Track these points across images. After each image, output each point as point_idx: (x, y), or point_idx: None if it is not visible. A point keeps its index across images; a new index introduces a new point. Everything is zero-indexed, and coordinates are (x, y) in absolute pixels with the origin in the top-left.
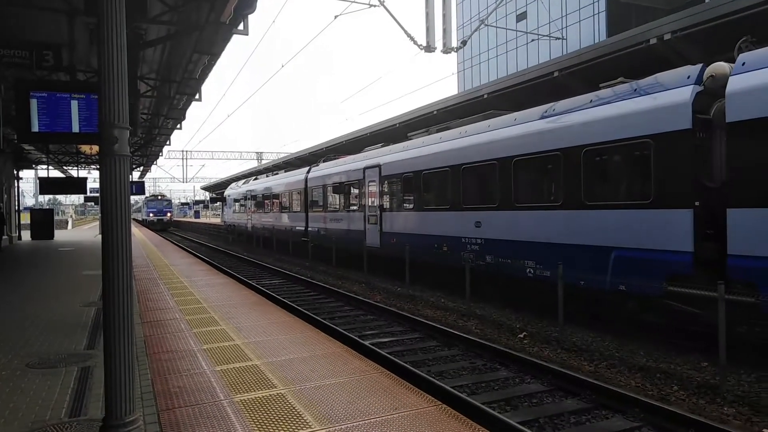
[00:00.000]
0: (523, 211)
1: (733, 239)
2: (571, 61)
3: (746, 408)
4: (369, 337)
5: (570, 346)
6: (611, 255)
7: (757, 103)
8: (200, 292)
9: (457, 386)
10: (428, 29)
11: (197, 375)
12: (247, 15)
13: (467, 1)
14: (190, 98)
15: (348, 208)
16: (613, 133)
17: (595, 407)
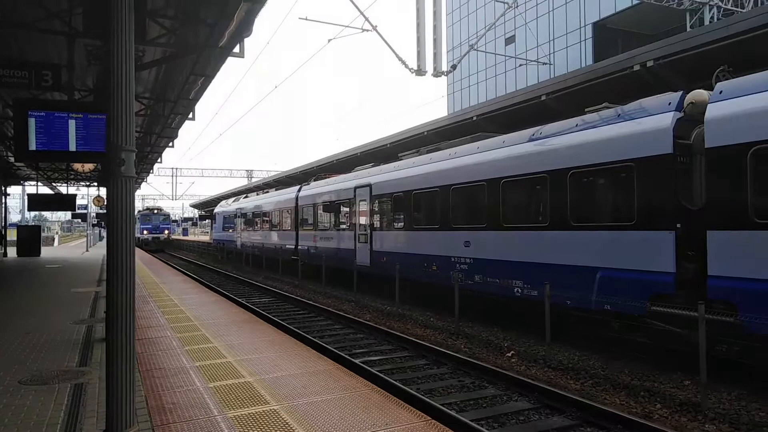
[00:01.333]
0: (511, 231)
1: (713, 260)
2: (558, 85)
3: (726, 425)
4: (359, 356)
5: (557, 365)
6: (597, 275)
7: (733, 130)
8: (191, 310)
9: (446, 404)
10: (419, 53)
11: (190, 391)
12: (243, 38)
13: (457, 25)
14: (183, 117)
15: (338, 226)
16: (598, 157)
17: (580, 424)
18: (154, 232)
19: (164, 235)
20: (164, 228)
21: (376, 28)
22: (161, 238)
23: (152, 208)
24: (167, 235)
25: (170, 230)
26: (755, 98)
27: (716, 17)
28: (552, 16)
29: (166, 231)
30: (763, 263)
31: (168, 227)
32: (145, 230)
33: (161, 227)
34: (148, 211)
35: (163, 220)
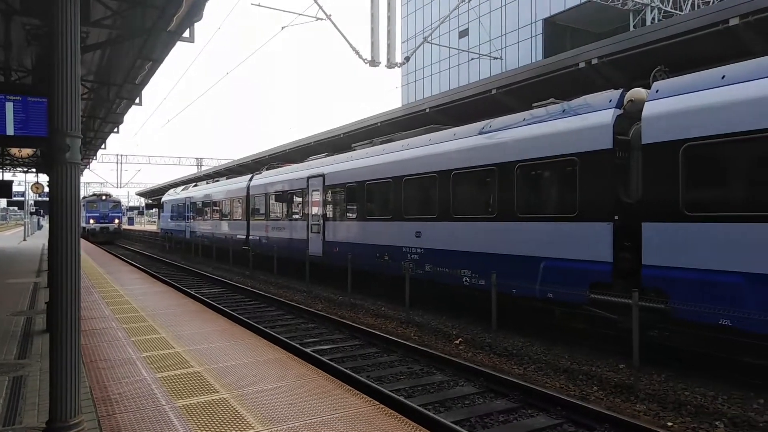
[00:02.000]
0: (460, 222)
1: (647, 251)
2: (508, 80)
3: (656, 405)
4: (310, 345)
5: (502, 351)
6: (541, 265)
7: (667, 127)
8: (137, 301)
9: (395, 390)
10: (373, 44)
11: (137, 382)
12: (193, 22)
13: (412, 16)
14: (130, 102)
15: (291, 217)
16: (544, 151)
17: (521, 407)
18: (103, 221)
19: (114, 224)
20: (114, 216)
21: (330, 17)
22: (111, 229)
23: (100, 193)
24: (118, 224)
25: (121, 219)
26: (688, 98)
27: (657, 18)
28: (504, 11)
29: (116, 220)
30: (692, 253)
31: (119, 216)
32: (91, 219)
33: (111, 216)
34: (95, 197)
35: (113, 207)
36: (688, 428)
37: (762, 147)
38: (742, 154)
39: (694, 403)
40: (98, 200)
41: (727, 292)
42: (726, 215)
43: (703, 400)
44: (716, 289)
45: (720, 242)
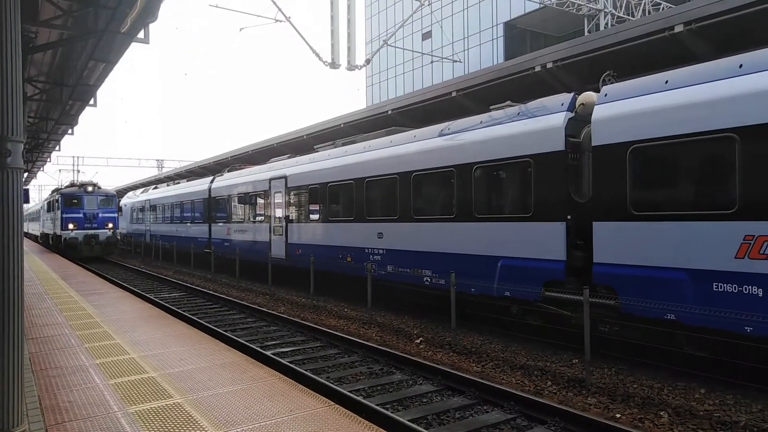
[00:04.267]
0: (421, 223)
1: (598, 249)
2: (468, 82)
3: (606, 397)
4: (271, 347)
5: (461, 349)
6: (498, 264)
7: (615, 130)
8: (93, 307)
9: (355, 390)
10: (333, 46)
11: (89, 389)
12: (148, 23)
13: (375, 18)
14: (84, 104)
15: (253, 219)
16: (500, 152)
17: (477, 403)
18: (89, 225)
19: (107, 231)
20: (106, 218)
21: (289, 19)
22: (101, 238)
23: (84, 183)
24: (112, 230)
25: (116, 222)
26: (634, 101)
27: (610, 24)
28: (466, 14)
29: (109, 224)
30: (638, 251)
31: (112, 217)
32: (70, 223)
33: (101, 217)
34: (75, 189)
35: (104, 204)
36: (635, 419)
37: (701, 149)
38: (684, 155)
39: (642, 394)
40: (81, 194)
41: (671, 288)
42: (669, 214)
43: (649, 391)
44: (662, 285)
45: (664, 240)
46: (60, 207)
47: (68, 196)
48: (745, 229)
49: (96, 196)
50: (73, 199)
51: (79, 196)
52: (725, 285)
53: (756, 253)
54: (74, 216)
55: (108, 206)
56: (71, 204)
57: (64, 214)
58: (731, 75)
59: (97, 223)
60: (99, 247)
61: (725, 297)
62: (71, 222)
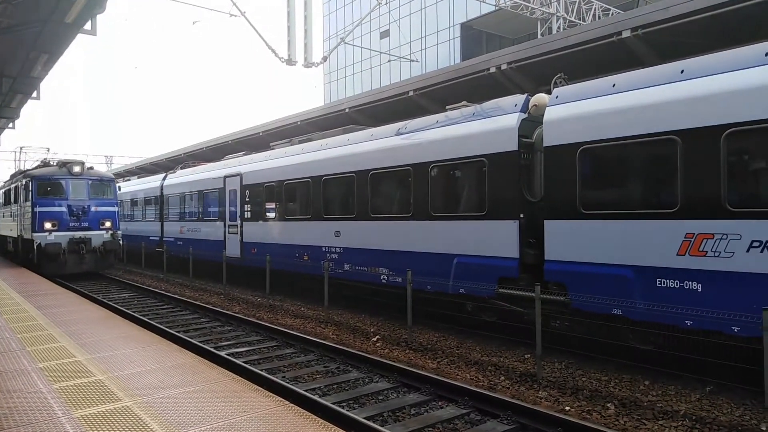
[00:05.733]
0: (378, 221)
1: (549, 247)
2: (424, 82)
3: (556, 391)
4: (225, 348)
5: (417, 347)
6: (453, 261)
7: (565, 131)
8: (35, 309)
9: (310, 389)
10: (289, 43)
11: (31, 394)
12: (95, 14)
13: (333, 15)
14: (26, 96)
15: (207, 217)
16: (456, 152)
17: (433, 399)
18: (76, 223)
19: (103, 232)
20: (103, 214)
21: (244, 14)
22: (94, 244)
23: (68, 161)
24: (111, 231)
25: (116, 220)
26: (584, 104)
27: (562, 27)
28: (424, 14)
29: (107, 222)
30: (587, 249)
31: (112, 212)
32: (47, 222)
33: (93, 213)
34: (53, 170)
35: (97, 191)
36: (584, 411)
37: (646, 151)
38: (629, 157)
39: (590, 387)
40: (63, 177)
41: (618, 284)
42: (616, 213)
43: (597, 384)
44: (609, 282)
45: (612, 238)
46: (30, 197)
47: (43, 181)
48: (686, 228)
49: (86, 181)
50: (50, 186)
51: (60, 181)
52: (668, 281)
53: (696, 251)
54: (53, 211)
55: (103, 196)
56: (47, 192)
57: (38, 207)
58: (673, 80)
59: (88, 220)
60: (92, 257)
61: (668, 292)
62: (49, 220)
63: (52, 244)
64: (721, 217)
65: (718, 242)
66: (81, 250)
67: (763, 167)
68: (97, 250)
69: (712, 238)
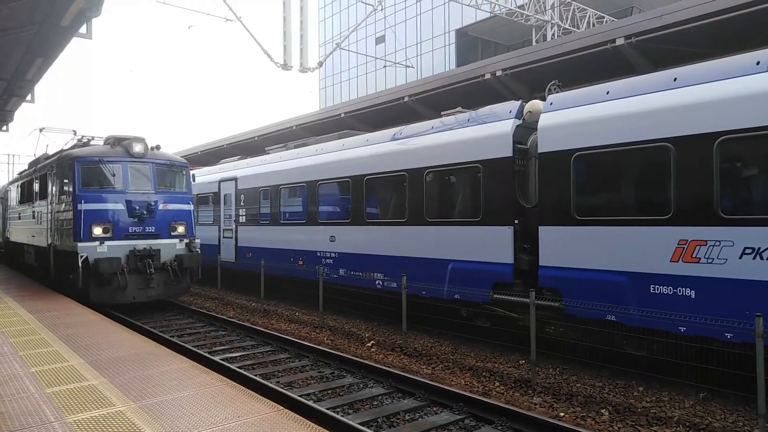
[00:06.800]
0: (373, 226)
1: (543, 253)
2: (419, 88)
3: (550, 397)
4: (219, 353)
5: (412, 352)
6: (448, 267)
7: (559, 138)
8: (28, 314)
9: (305, 394)
10: (285, 48)
11: (24, 399)
12: (91, 18)
13: (329, 21)
14: (20, 99)
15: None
16: (451, 157)
17: (427, 405)
18: (140, 229)
19: (176, 241)
20: (175, 214)
21: (240, 19)
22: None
23: (123, 137)
24: (186, 237)
25: (191, 223)
26: (578, 110)
27: (557, 34)
28: (419, 20)
29: (179, 227)
30: (581, 255)
31: (186, 212)
32: (97, 225)
33: (164, 211)
34: (105, 150)
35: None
36: (578, 417)
37: (640, 157)
38: (623, 163)
39: (584, 393)
40: (119, 159)
41: (612, 291)
42: (610, 219)
43: (591, 390)
44: (603, 288)
45: (605, 245)
46: (70, 189)
47: (90, 165)
48: (679, 234)
49: (151, 166)
50: (101, 172)
51: (116, 165)
52: (661, 287)
53: (689, 257)
54: (105, 209)
55: (173, 188)
56: (96, 183)
57: (83, 204)
58: (667, 88)
59: (154, 223)
60: (161, 278)
61: (662, 298)
62: (99, 223)
63: (107, 260)
64: (714, 224)
65: (711, 249)
66: (147, 268)
67: (755, 174)
68: (169, 268)
69: (705, 245)
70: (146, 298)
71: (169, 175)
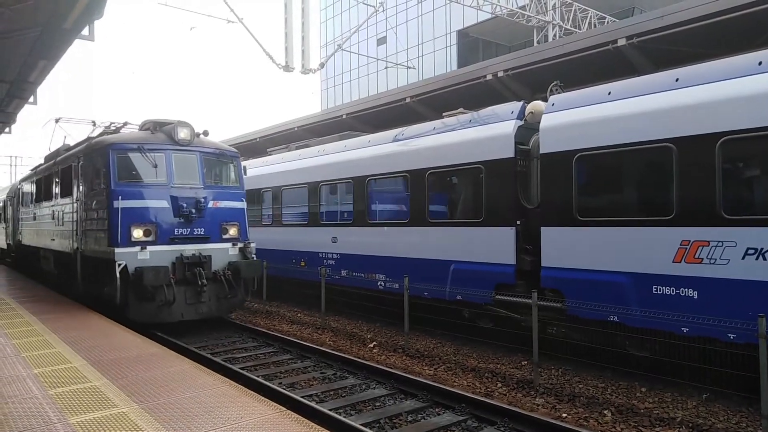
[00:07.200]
0: (374, 227)
1: (545, 253)
2: (421, 89)
3: (553, 398)
4: (221, 354)
5: (414, 353)
6: (450, 268)
7: (561, 138)
8: (31, 315)
9: (307, 395)
10: (287, 49)
11: (27, 400)
12: (93, 20)
13: (330, 22)
14: (23, 101)
15: None
16: (452, 158)
17: (430, 406)
18: (188, 231)
19: (228, 245)
20: (228, 214)
21: (242, 21)
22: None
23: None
24: (238, 242)
25: (244, 222)
26: (579, 111)
27: (558, 35)
28: (420, 21)
29: (232, 228)
30: (584, 256)
31: (238, 210)
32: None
33: (216, 212)
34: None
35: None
36: (581, 418)
37: (642, 158)
38: (626, 164)
39: (587, 394)
40: (162, 146)
41: (614, 291)
42: (612, 220)
43: (594, 391)
44: (605, 289)
45: (608, 245)
46: (105, 183)
47: (128, 153)
48: (681, 235)
49: (197, 155)
50: (140, 162)
51: (159, 154)
52: (664, 288)
53: (691, 258)
54: (147, 207)
55: (223, 181)
56: (134, 176)
57: (120, 200)
58: (669, 88)
59: (204, 224)
60: (213, 290)
61: (664, 299)
62: (139, 224)
63: (153, 269)
64: (717, 224)
65: (713, 250)
66: (198, 279)
67: (758, 175)
68: (222, 278)
69: (707, 246)
70: (196, 316)
71: (218, 166)
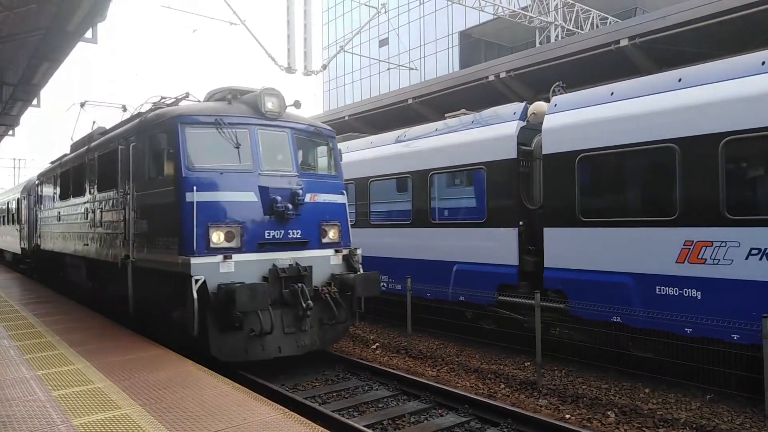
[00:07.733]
0: (377, 228)
1: (548, 254)
2: (423, 90)
3: (556, 399)
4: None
5: (417, 354)
6: (453, 269)
7: (564, 139)
8: (35, 317)
9: (310, 397)
10: (289, 51)
11: (30, 402)
12: (96, 23)
13: (332, 23)
14: (26, 104)
15: None
16: (455, 159)
17: (432, 407)
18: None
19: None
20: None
21: (244, 23)
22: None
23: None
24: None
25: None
26: (582, 112)
27: (560, 36)
28: (423, 23)
29: (331, 229)
30: (586, 256)
31: (340, 208)
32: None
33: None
34: (223, 106)
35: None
36: (584, 419)
37: (645, 158)
38: (628, 164)
39: (590, 395)
40: (246, 119)
41: (617, 292)
42: (615, 221)
43: (597, 392)
44: (608, 289)
45: (611, 246)
46: (175, 169)
47: (203, 127)
48: (685, 235)
49: (289, 132)
50: (220, 142)
51: (242, 130)
52: (667, 288)
53: (695, 258)
54: (230, 201)
55: (315, 168)
56: (211, 158)
57: (194, 192)
58: (671, 88)
59: (300, 224)
60: (314, 313)
61: (667, 300)
62: (220, 225)
63: (248, 289)
64: (720, 224)
65: (717, 250)
66: (302, 299)
67: (761, 175)
68: (327, 296)
69: (711, 246)
70: (297, 350)
71: (311, 146)
